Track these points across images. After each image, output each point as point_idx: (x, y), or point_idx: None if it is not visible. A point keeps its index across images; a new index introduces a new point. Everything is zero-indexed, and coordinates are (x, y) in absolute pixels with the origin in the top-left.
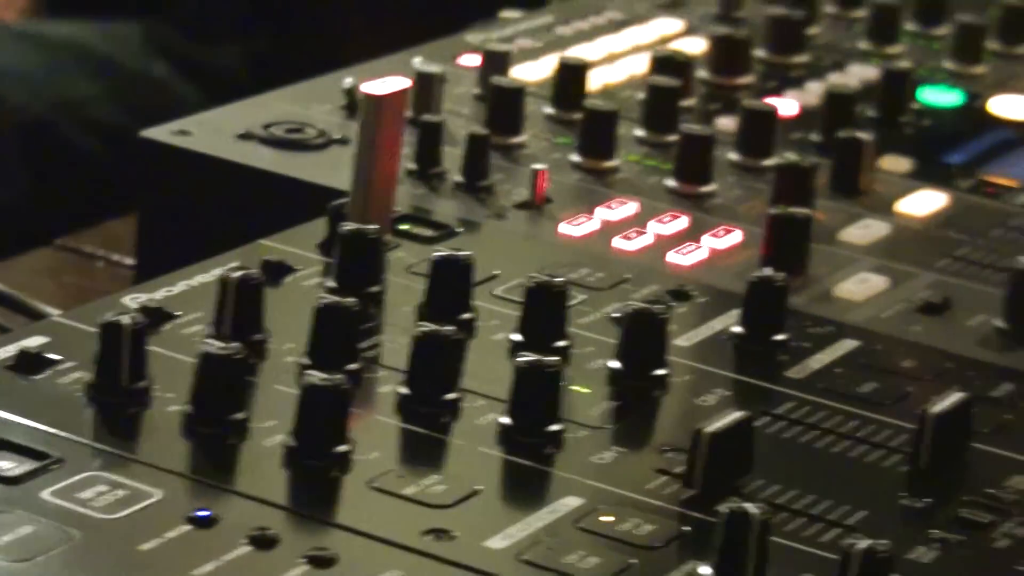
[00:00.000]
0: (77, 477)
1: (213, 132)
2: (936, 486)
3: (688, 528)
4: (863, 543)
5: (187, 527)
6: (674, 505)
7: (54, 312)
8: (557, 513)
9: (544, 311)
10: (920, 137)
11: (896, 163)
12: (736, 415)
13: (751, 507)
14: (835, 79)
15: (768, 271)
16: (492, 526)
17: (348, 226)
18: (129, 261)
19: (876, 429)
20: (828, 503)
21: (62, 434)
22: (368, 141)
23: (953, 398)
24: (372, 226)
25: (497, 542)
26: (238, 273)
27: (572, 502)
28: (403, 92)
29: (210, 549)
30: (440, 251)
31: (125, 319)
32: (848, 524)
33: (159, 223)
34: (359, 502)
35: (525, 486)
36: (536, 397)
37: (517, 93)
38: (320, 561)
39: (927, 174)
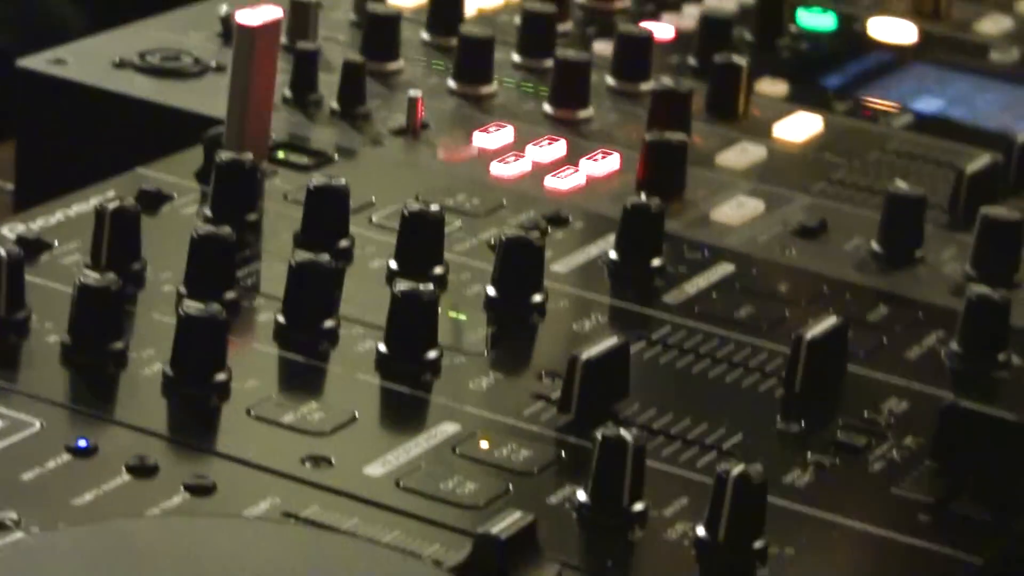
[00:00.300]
0: None
1: (89, 61)
2: (812, 410)
3: (564, 453)
4: (737, 468)
5: (67, 456)
6: (551, 431)
7: None
8: (435, 439)
9: (420, 238)
10: (797, 61)
11: (773, 87)
12: (611, 341)
13: (626, 433)
14: (712, 2)
15: (643, 197)
16: (370, 453)
17: (224, 155)
18: (10, 187)
19: (752, 353)
20: (704, 427)
21: None
22: (242, 71)
23: (827, 323)
24: (248, 155)
25: (375, 468)
26: (114, 203)
27: (450, 428)
28: (276, 22)
29: (90, 478)
30: (316, 179)
31: (1, 251)
32: (724, 448)
33: (38, 151)
34: (238, 430)
35: (403, 413)
36: (413, 324)
37: (393, 20)
38: (199, 489)
39: (804, 97)
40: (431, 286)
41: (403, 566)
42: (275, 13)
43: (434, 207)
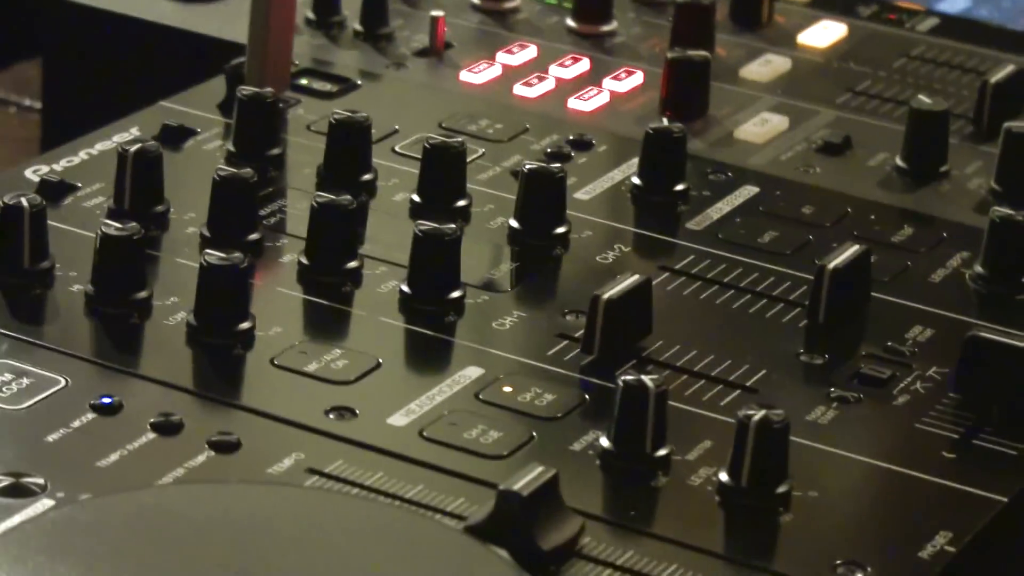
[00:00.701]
0: None
1: None
2: (836, 340)
3: (587, 396)
4: (759, 413)
5: (92, 415)
6: (574, 372)
7: None
8: (459, 384)
9: (442, 172)
10: None
11: None
12: (632, 279)
13: (647, 378)
14: None
15: (665, 121)
16: (394, 402)
17: (245, 90)
18: (39, 105)
19: (776, 281)
20: (728, 363)
21: None
22: (261, 1)
23: (850, 251)
24: (269, 90)
25: (399, 419)
26: (136, 146)
27: (473, 372)
28: None
29: (115, 437)
30: (337, 113)
31: (23, 201)
32: (748, 385)
33: (64, 74)
34: (262, 381)
35: (427, 357)
36: (435, 265)
37: None
38: (223, 446)
39: (829, 2)
40: (452, 226)
41: (424, 528)
42: None
43: (455, 139)
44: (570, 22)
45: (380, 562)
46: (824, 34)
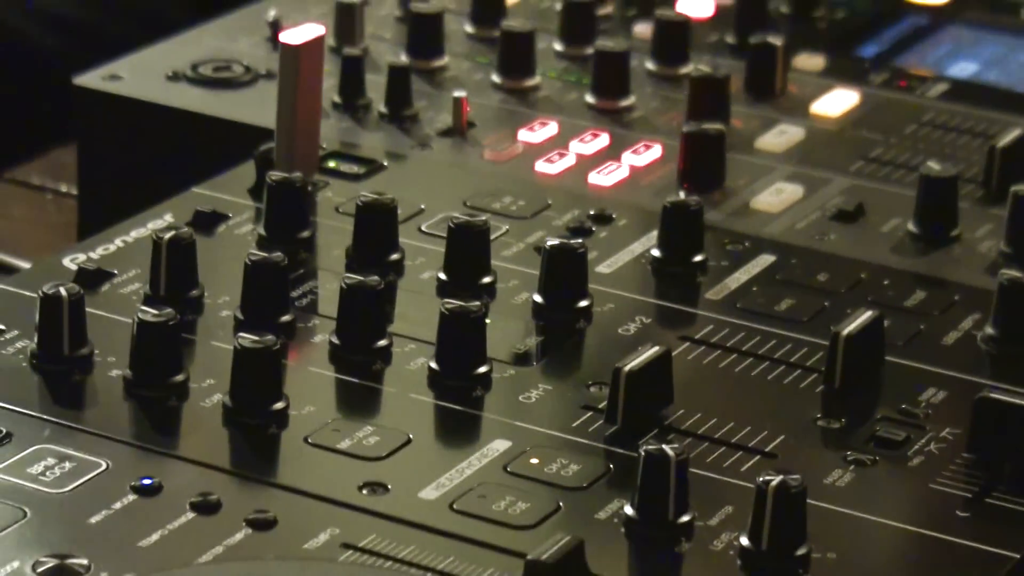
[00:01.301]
0: (26, 452)
1: (143, 74)
2: (852, 404)
3: (612, 466)
4: (776, 478)
5: (133, 496)
6: (599, 442)
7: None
8: (487, 458)
9: (467, 250)
10: (833, 31)
11: (810, 61)
12: (653, 350)
13: (668, 448)
14: None
15: (682, 195)
16: (425, 476)
17: (274, 175)
18: (75, 192)
19: (793, 348)
20: (747, 429)
21: (8, 407)
22: (288, 89)
23: (863, 317)
24: (298, 174)
25: (430, 492)
26: (169, 233)
27: (501, 445)
28: (319, 39)
29: (155, 518)
30: (364, 196)
31: (62, 291)
32: (767, 451)
33: (98, 161)
34: (296, 459)
35: (456, 431)
36: (462, 341)
37: (436, 18)
38: (261, 524)
39: (841, 70)
40: (478, 303)
41: None
42: (318, 31)
43: (479, 217)
44: (589, 98)
45: None
46: (837, 103)
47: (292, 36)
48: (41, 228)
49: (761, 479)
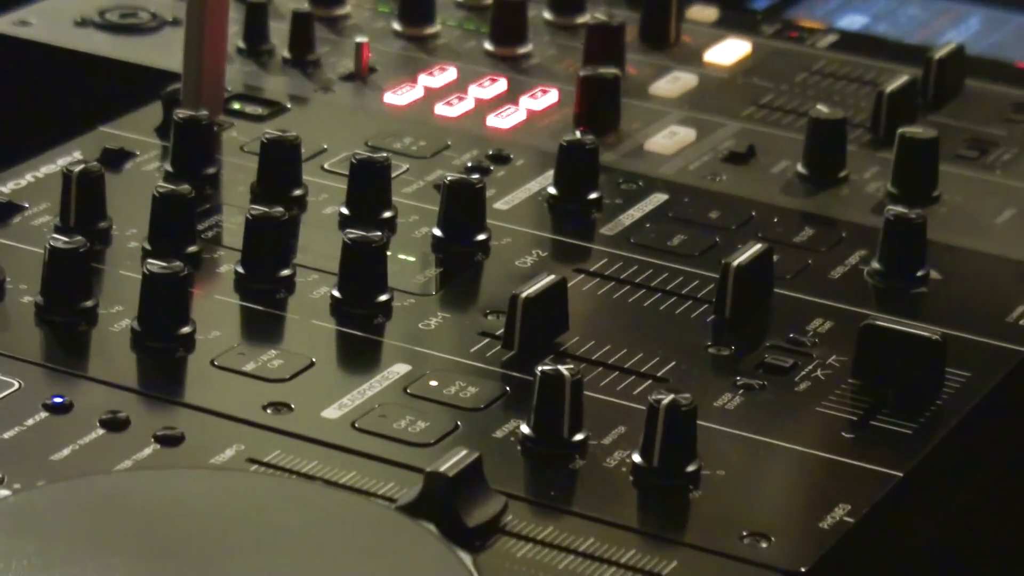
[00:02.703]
0: None
1: (52, 20)
2: (741, 335)
3: (508, 388)
4: (668, 397)
5: (44, 414)
6: (496, 366)
7: None
8: (388, 380)
9: (368, 185)
10: None
11: (703, 13)
12: (549, 278)
13: (563, 368)
14: None
15: (578, 133)
16: (327, 397)
17: (181, 113)
18: None
19: (684, 281)
20: (640, 355)
21: None
22: (195, 30)
23: (753, 249)
24: (204, 112)
25: (332, 412)
26: (79, 166)
27: (401, 369)
28: None
29: (67, 434)
30: (269, 133)
31: None
32: (659, 376)
33: (6, 109)
34: (203, 380)
35: (357, 356)
36: (363, 271)
37: None
38: (168, 440)
39: (734, 21)
40: (379, 233)
41: (358, 507)
42: None
43: (381, 154)
44: (487, 45)
45: (317, 539)
46: (729, 52)
47: None
48: None
49: (652, 397)
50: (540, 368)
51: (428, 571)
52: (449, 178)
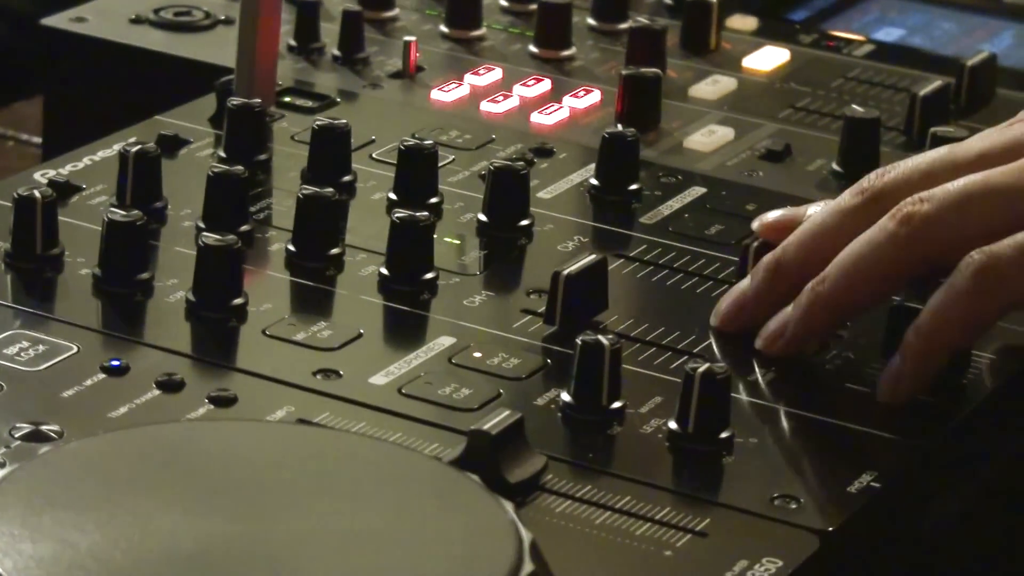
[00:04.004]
0: (1, 336)
1: (107, 17)
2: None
3: (549, 361)
4: (703, 365)
5: (102, 375)
6: (538, 341)
7: None
8: (433, 351)
9: (416, 171)
10: None
11: (743, 22)
12: (591, 257)
13: (603, 338)
14: None
15: (619, 127)
16: (375, 365)
17: (235, 101)
18: (37, 140)
19: (721, 266)
20: (677, 334)
21: None
22: (249, 22)
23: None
24: (256, 100)
25: (380, 379)
26: (136, 147)
27: (446, 341)
28: None
29: (123, 394)
30: (320, 120)
31: (36, 193)
32: (695, 352)
33: (63, 104)
34: (255, 348)
35: (404, 329)
36: (411, 248)
37: None
38: (221, 400)
39: (772, 32)
40: (426, 213)
41: (406, 458)
42: None
43: (427, 142)
44: (532, 48)
45: (368, 487)
46: (768, 58)
47: None
48: (5, 173)
49: (689, 366)
50: (580, 338)
51: (474, 517)
52: (494, 163)
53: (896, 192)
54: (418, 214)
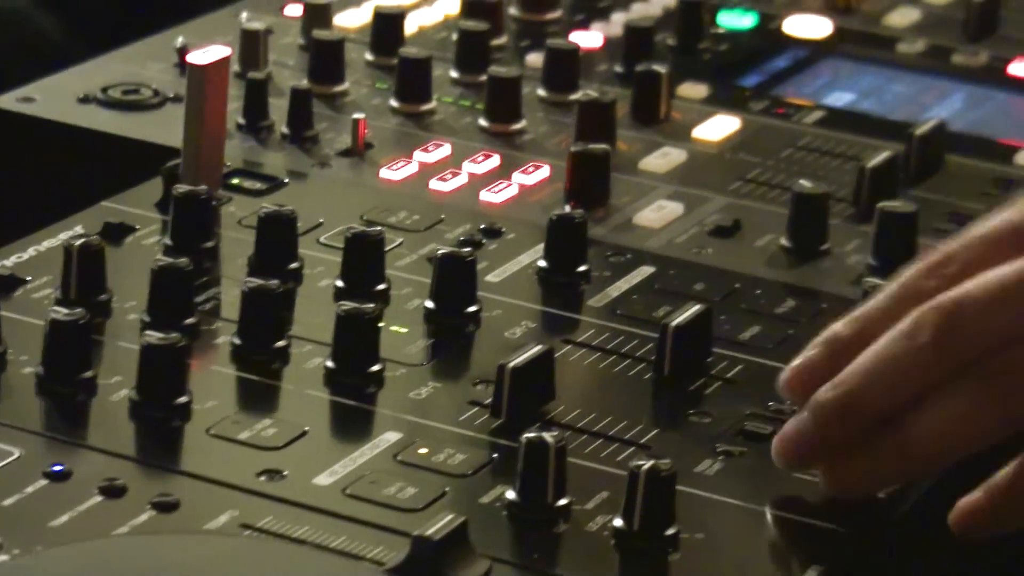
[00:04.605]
0: None
1: (55, 97)
2: (722, 402)
3: (496, 455)
4: (648, 463)
5: (44, 481)
6: (484, 434)
7: None
8: (378, 448)
9: (362, 259)
10: (717, 62)
11: (694, 90)
12: (537, 348)
13: (547, 436)
14: (638, 8)
15: (567, 208)
16: (320, 464)
17: (180, 188)
18: None
19: None
20: (623, 424)
21: None
22: (195, 108)
23: (692, 311)
24: (203, 187)
25: (324, 478)
26: (80, 240)
27: (392, 437)
28: (224, 60)
29: (65, 501)
30: (265, 207)
31: None
32: (641, 443)
33: (10, 184)
34: (199, 448)
35: (349, 424)
36: (356, 342)
37: (337, 45)
38: (164, 507)
39: (723, 98)
40: (372, 305)
41: (345, 568)
42: (223, 52)
43: (375, 228)
44: (482, 122)
45: None
46: (718, 128)
47: (199, 57)
48: None
49: (633, 464)
50: (525, 436)
51: None
52: (441, 251)
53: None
54: (363, 307)
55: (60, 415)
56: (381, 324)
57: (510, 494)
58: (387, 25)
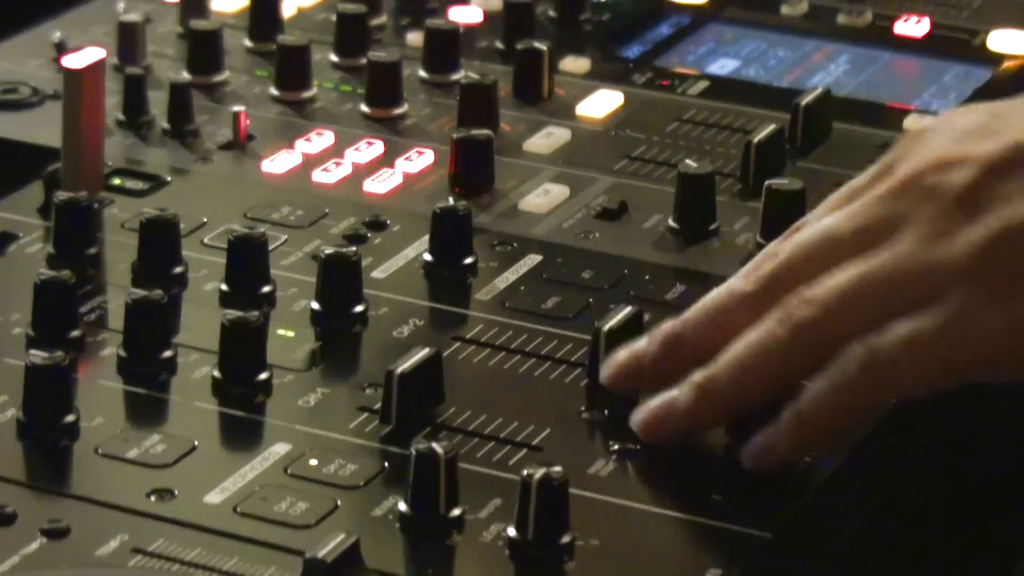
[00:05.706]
0: None
1: None
2: (616, 397)
3: (387, 464)
4: (540, 471)
5: None
6: (374, 442)
7: None
8: (268, 461)
9: (246, 262)
10: (598, 33)
11: (576, 64)
12: (423, 352)
13: (437, 446)
14: None
15: (451, 200)
16: (210, 481)
17: (61, 195)
18: None
19: (559, 344)
20: (515, 424)
21: None
22: (72, 112)
23: (623, 313)
24: (83, 194)
25: (214, 496)
26: None
27: (281, 449)
28: (100, 62)
29: None
30: (147, 212)
31: None
32: (534, 444)
33: None
34: (88, 469)
35: (238, 437)
36: (242, 351)
37: (215, 34)
38: (54, 533)
39: (605, 72)
40: (256, 313)
41: None
42: (99, 54)
43: (257, 231)
44: (364, 107)
45: None
46: (601, 104)
47: (74, 60)
48: None
49: (525, 472)
50: (414, 447)
51: None
52: (325, 252)
53: (785, 281)
54: (248, 315)
55: None
56: (268, 327)
57: (402, 506)
58: (265, 9)
